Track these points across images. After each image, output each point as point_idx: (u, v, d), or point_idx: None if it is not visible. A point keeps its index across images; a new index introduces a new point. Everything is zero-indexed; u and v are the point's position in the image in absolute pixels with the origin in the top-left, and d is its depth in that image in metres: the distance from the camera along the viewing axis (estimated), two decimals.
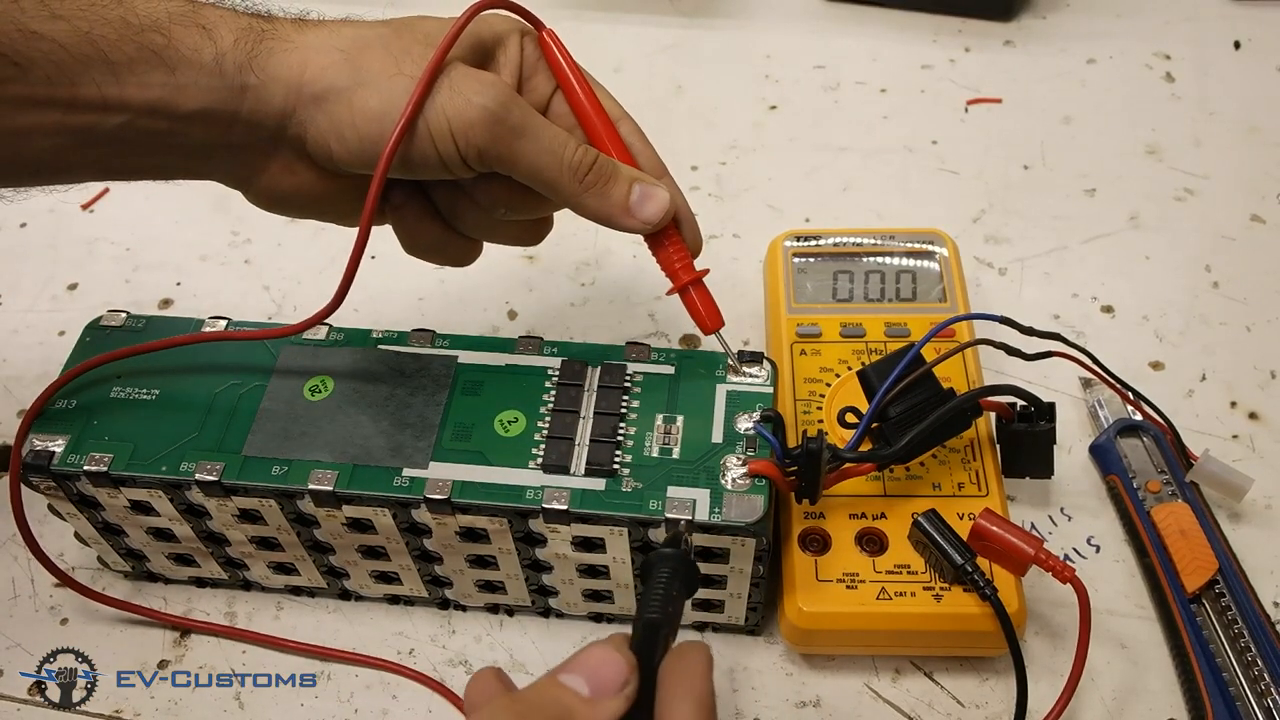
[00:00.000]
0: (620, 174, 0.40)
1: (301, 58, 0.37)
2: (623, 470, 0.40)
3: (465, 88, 0.37)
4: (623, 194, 0.40)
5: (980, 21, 0.73)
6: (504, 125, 0.37)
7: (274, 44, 0.38)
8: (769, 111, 0.68)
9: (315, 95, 0.37)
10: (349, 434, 0.41)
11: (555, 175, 0.39)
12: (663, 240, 0.42)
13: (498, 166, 0.38)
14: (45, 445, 0.41)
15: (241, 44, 0.37)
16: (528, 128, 0.38)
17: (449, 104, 0.37)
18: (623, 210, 0.40)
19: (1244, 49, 0.70)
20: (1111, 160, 0.64)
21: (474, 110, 0.37)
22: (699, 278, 0.42)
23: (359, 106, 0.37)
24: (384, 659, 0.45)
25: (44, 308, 0.59)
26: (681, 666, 0.31)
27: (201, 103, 0.37)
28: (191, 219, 0.63)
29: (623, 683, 0.30)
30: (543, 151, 0.38)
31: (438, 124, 0.37)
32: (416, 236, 0.43)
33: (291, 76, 0.37)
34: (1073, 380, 0.52)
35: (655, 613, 0.33)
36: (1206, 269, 0.58)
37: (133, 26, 0.36)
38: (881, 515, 0.44)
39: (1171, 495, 0.47)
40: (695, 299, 0.42)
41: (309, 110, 0.38)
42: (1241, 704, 0.41)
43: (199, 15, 0.37)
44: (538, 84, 0.42)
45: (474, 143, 0.37)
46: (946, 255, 0.53)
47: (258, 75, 0.37)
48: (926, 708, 0.43)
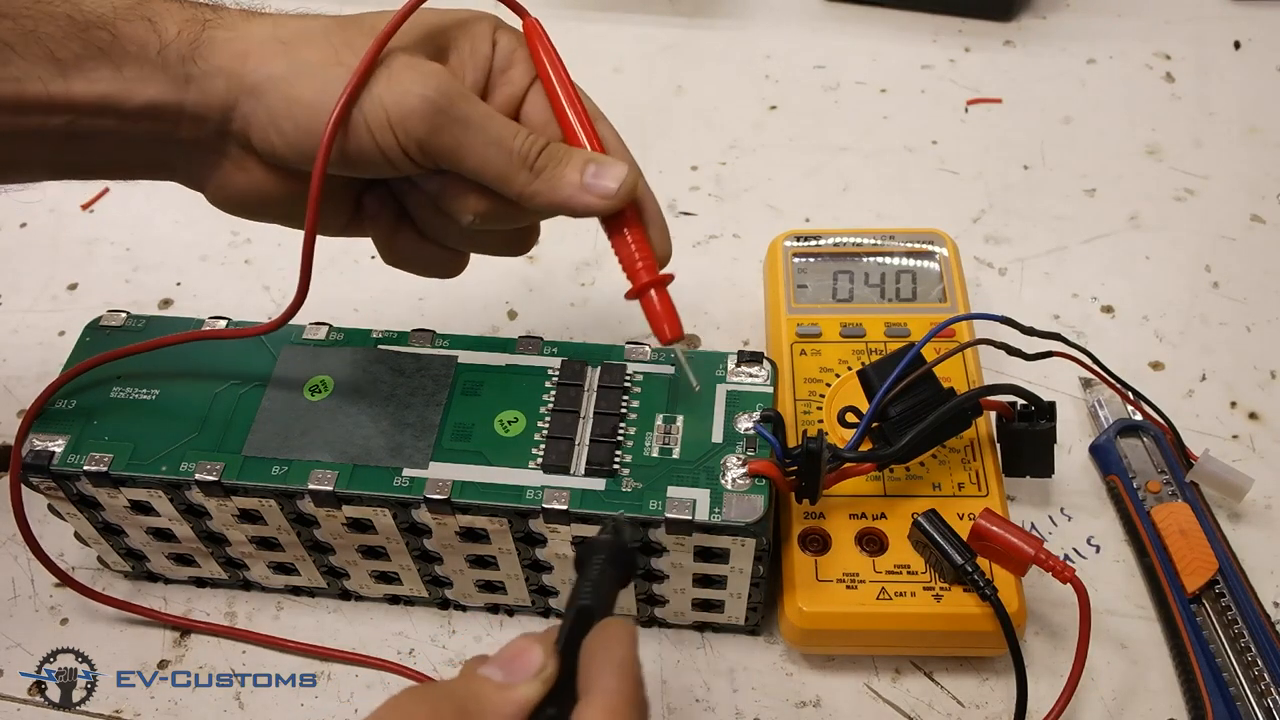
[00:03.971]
0: (574, 156, 0.38)
1: (244, 47, 0.37)
2: (623, 470, 0.40)
3: (404, 77, 0.36)
4: (576, 175, 0.38)
5: (980, 21, 0.73)
6: (444, 116, 0.36)
7: (217, 33, 0.37)
8: (769, 111, 0.68)
9: (254, 85, 0.36)
10: (349, 434, 0.41)
11: (503, 167, 0.37)
12: (622, 228, 0.39)
13: (442, 161, 0.37)
14: (45, 445, 0.41)
15: (185, 34, 0.37)
16: (471, 118, 0.37)
17: (386, 94, 0.36)
18: (577, 188, 0.38)
19: (1244, 49, 0.70)
20: (1111, 160, 0.64)
21: (412, 99, 0.36)
22: (662, 281, 0.39)
23: (294, 96, 0.36)
24: (384, 659, 0.45)
25: (44, 308, 0.59)
26: (603, 639, 0.30)
27: (147, 97, 0.36)
28: (191, 219, 0.63)
29: (538, 667, 0.29)
30: (489, 143, 0.37)
31: (374, 115, 0.36)
32: (394, 247, 0.42)
33: (233, 66, 0.37)
34: (1073, 380, 0.52)
35: (587, 599, 0.32)
36: (1206, 269, 0.58)
37: (78, 23, 0.36)
38: (881, 515, 0.44)
39: (1171, 495, 0.47)
40: (655, 302, 0.39)
41: (250, 102, 0.37)
42: (1241, 704, 0.41)
43: (145, 8, 0.37)
44: (512, 77, 0.40)
45: (413, 134, 0.36)
46: (946, 255, 0.53)
47: (200, 65, 0.36)
48: (926, 708, 0.43)
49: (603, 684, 0.29)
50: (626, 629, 0.31)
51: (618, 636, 0.30)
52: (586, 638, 0.31)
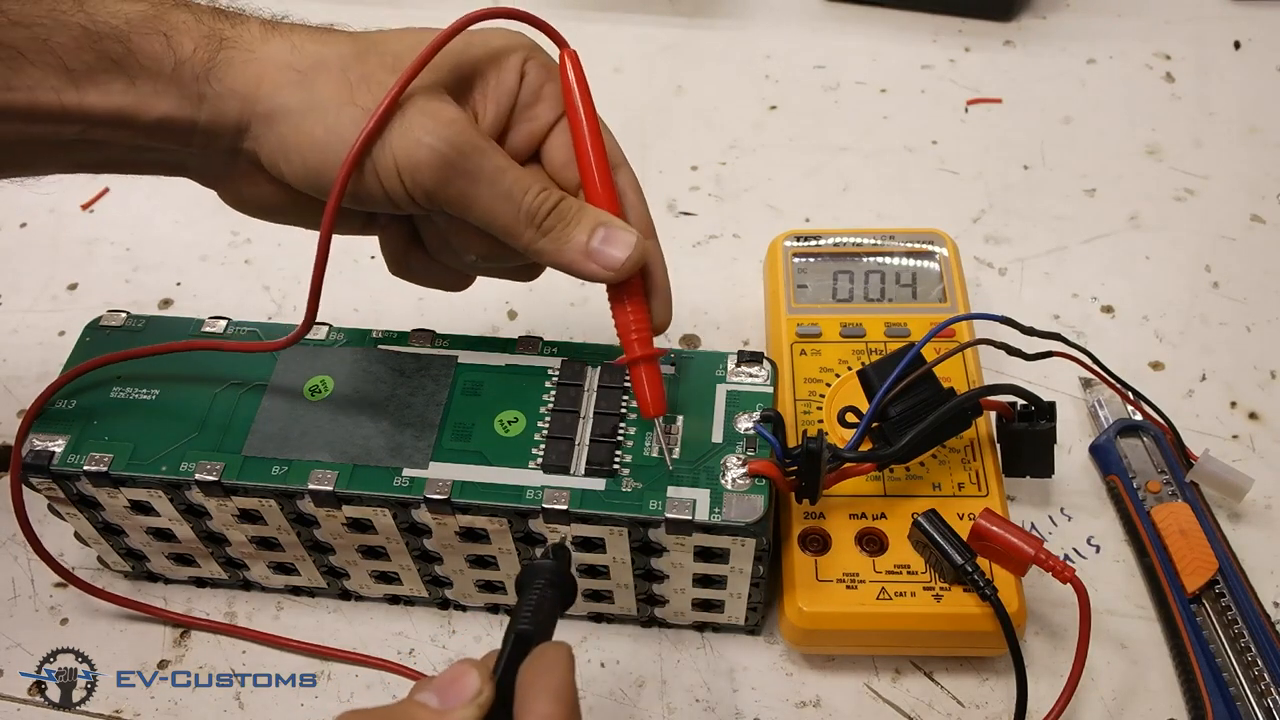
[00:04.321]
0: (585, 217, 0.38)
1: (258, 71, 0.36)
2: (623, 470, 0.40)
3: (417, 126, 0.35)
4: (583, 239, 0.37)
5: (980, 21, 0.73)
6: (453, 169, 0.36)
7: (233, 54, 0.36)
8: (769, 111, 0.68)
9: (266, 113, 0.36)
10: (349, 434, 0.41)
11: (510, 222, 0.37)
12: (624, 299, 0.39)
13: (449, 209, 0.37)
14: (45, 445, 0.41)
15: (200, 52, 0.36)
16: (482, 172, 0.36)
17: (397, 143, 0.35)
18: (582, 254, 0.37)
19: (1244, 49, 0.70)
20: (1111, 160, 0.64)
21: (422, 151, 0.35)
22: (653, 355, 0.39)
23: (305, 132, 0.36)
24: (384, 659, 0.45)
25: (44, 308, 0.59)
26: (539, 665, 0.30)
27: (161, 111, 0.36)
28: (191, 219, 0.63)
29: (474, 693, 0.30)
30: (498, 197, 0.36)
31: (384, 162, 0.36)
32: (402, 262, 0.42)
33: (247, 90, 0.36)
34: (1073, 380, 0.52)
35: (526, 624, 0.32)
36: (1206, 269, 0.58)
37: (91, 34, 0.35)
38: (881, 515, 0.44)
39: (1171, 495, 0.47)
40: (642, 378, 0.39)
41: (261, 127, 0.36)
42: (1241, 704, 0.41)
43: (161, 21, 0.36)
44: (537, 113, 0.39)
45: (421, 184, 0.36)
46: (946, 255, 0.53)
47: (214, 86, 0.36)
48: (926, 708, 0.43)
49: (538, 710, 0.29)
50: (563, 654, 0.31)
51: (554, 662, 0.30)
52: (525, 662, 0.31)
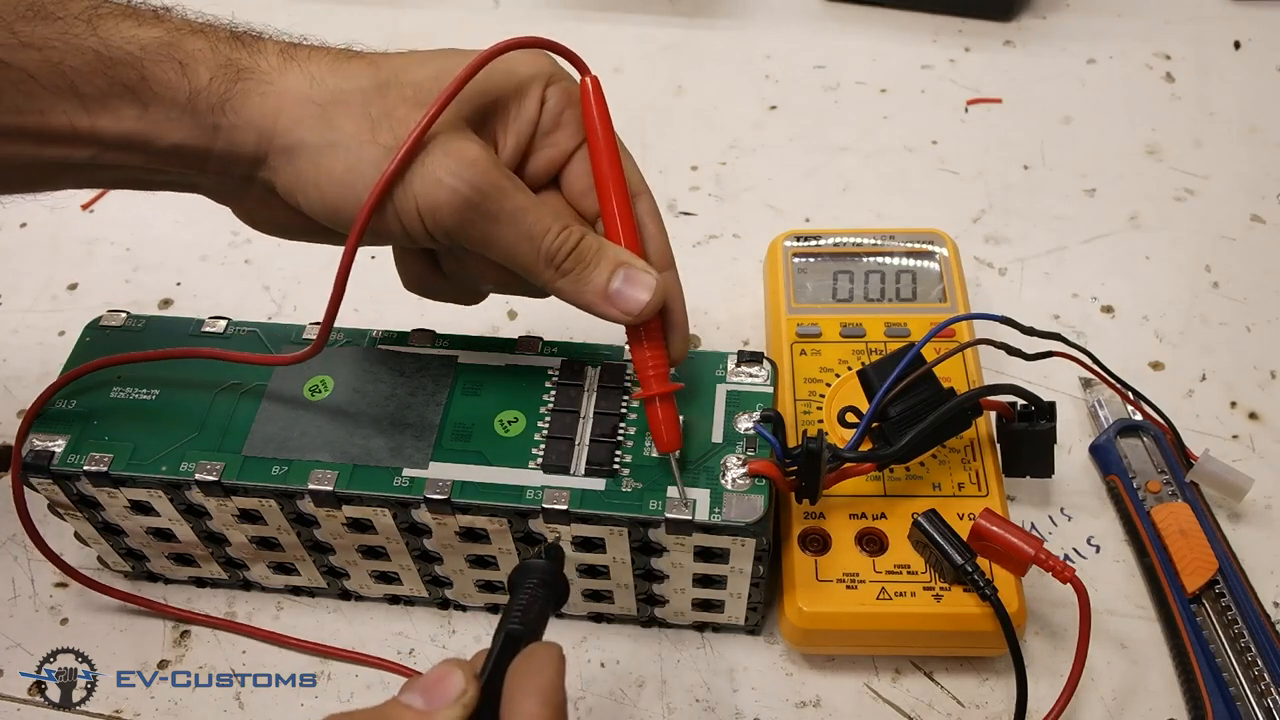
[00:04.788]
0: (605, 258, 0.37)
1: (276, 105, 0.36)
2: (623, 470, 0.40)
3: (439, 166, 0.35)
4: (602, 280, 0.37)
5: (980, 21, 0.73)
6: (475, 210, 0.35)
7: (250, 85, 0.36)
8: (769, 111, 0.68)
9: (285, 147, 0.36)
10: (349, 434, 0.41)
11: (529, 262, 0.37)
12: (641, 335, 0.38)
13: (469, 246, 0.37)
14: (45, 445, 0.41)
15: (217, 83, 0.36)
16: (502, 214, 0.36)
17: (419, 184, 0.35)
18: (600, 298, 0.37)
19: (1244, 49, 0.70)
20: (1111, 160, 0.64)
21: (443, 192, 0.35)
22: (670, 391, 0.39)
23: (325, 169, 0.35)
24: (384, 659, 0.45)
25: (44, 308, 0.59)
26: (527, 666, 0.30)
27: (174, 140, 0.36)
28: (191, 219, 0.63)
29: (458, 693, 0.29)
30: (519, 238, 0.36)
31: (404, 204, 0.35)
32: (415, 279, 0.42)
33: (265, 123, 0.36)
34: (1073, 380, 0.52)
35: (516, 624, 0.32)
36: (1206, 269, 0.58)
37: (105, 59, 0.35)
38: (881, 515, 0.44)
39: (1171, 495, 0.47)
40: (659, 413, 0.39)
41: (279, 159, 0.36)
42: (1241, 704, 0.41)
43: (176, 49, 0.36)
44: (557, 139, 0.39)
45: (441, 224, 0.36)
46: (946, 255, 0.53)
47: (230, 118, 0.36)
48: (926, 708, 0.43)
49: (524, 710, 0.29)
50: (553, 655, 0.30)
51: (544, 663, 0.30)
52: (514, 662, 0.30)
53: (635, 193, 0.39)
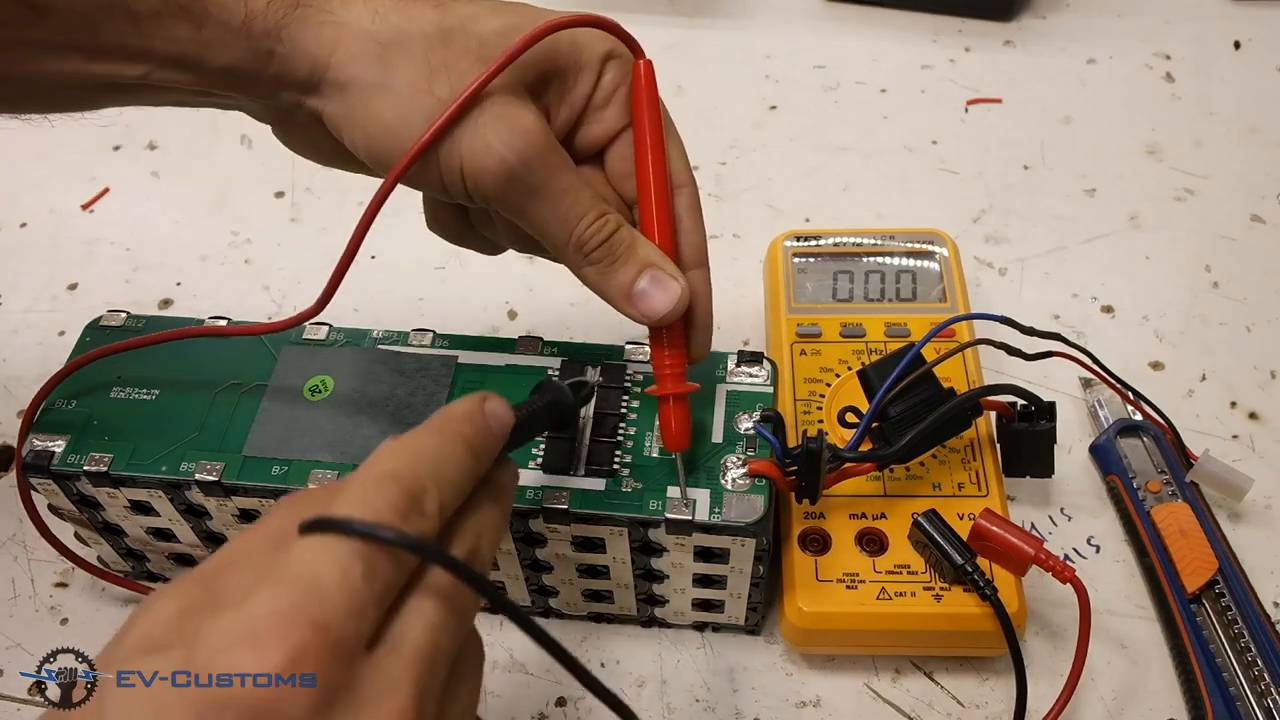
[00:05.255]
0: (634, 256, 0.37)
1: (334, 36, 0.35)
2: (623, 470, 0.40)
3: (490, 132, 0.34)
4: (628, 279, 0.37)
5: (980, 21, 0.73)
6: (519, 182, 0.35)
7: (309, 13, 0.35)
8: (769, 111, 0.68)
9: (338, 81, 0.35)
10: (349, 434, 0.41)
11: (560, 243, 0.37)
12: (661, 337, 0.38)
13: (503, 211, 0.36)
14: (45, 445, 0.41)
15: (274, 7, 0.35)
16: (545, 190, 0.35)
17: (466, 144, 0.34)
18: (623, 296, 0.37)
19: (1244, 49, 0.70)
20: (1111, 160, 0.64)
21: (492, 159, 0.34)
22: (684, 392, 0.38)
23: (374, 112, 0.35)
24: None
25: (44, 308, 0.59)
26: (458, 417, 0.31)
27: (226, 60, 0.35)
28: (191, 219, 0.63)
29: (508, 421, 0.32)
30: (555, 218, 0.36)
31: (449, 161, 0.35)
32: (440, 221, 0.41)
33: (320, 54, 0.35)
34: (1073, 380, 0.52)
35: None
36: (1206, 269, 0.58)
37: None
38: (881, 515, 0.44)
39: (1171, 495, 0.47)
40: (670, 413, 0.38)
41: (330, 92, 0.35)
42: (1241, 704, 0.41)
43: None
44: (606, 116, 0.38)
45: (481, 188, 0.35)
46: (946, 255, 0.53)
47: (285, 44, 0.35)
48: (926, 708, 0.43)
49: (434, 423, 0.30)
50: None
51: None
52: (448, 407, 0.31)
53: (678, 185, 0.39)
